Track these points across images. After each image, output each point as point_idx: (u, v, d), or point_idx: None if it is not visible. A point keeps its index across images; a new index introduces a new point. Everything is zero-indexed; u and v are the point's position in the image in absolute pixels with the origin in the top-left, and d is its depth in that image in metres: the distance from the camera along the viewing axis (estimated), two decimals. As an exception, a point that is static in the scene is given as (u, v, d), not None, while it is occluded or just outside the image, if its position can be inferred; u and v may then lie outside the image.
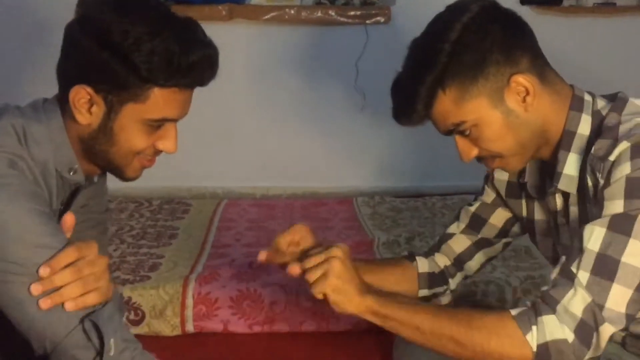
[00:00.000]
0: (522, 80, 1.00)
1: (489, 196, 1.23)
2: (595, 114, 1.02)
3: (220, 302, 1.63)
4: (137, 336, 1.56)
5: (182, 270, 1.77)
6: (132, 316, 1.61)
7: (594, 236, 0.93)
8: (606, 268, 0.92)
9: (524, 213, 1.18)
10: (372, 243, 1.99)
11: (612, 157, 0.94)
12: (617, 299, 0.92)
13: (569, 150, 1.03)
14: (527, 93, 1.00)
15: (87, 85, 0.98)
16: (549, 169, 1.08)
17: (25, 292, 0.91)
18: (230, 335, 1.60)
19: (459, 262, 1.25)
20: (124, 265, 1.80)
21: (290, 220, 2.24)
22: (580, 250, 0.93)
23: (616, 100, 1.03)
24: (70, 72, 1.01)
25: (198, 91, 1.06)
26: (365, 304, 1.00)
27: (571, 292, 0.92)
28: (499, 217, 1.22)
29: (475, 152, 1.05)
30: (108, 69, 0.97)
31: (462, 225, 1.25)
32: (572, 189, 1.04)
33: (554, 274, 0.96)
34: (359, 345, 1.28)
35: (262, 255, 1.12)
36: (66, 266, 0.92)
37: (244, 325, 1.61)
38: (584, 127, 1.02)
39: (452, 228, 1.26)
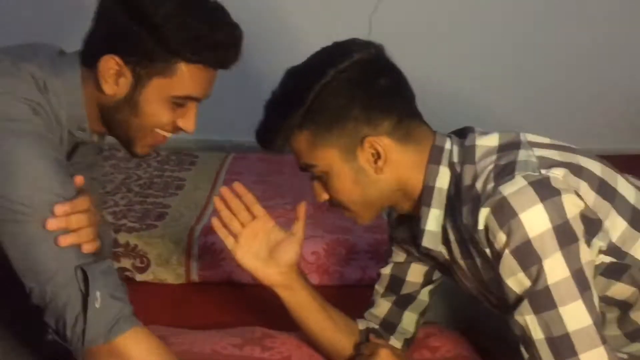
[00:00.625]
0: (375, 144, 0.99)
1: (400, 256, 1.19)
2: (452, 166, 1.01)
3: (225, 253, 1.64)
4: (142, 283, 1.64)
5: (188, 221, 1.78)
6: (137, 263, 1.64)
7: (530, 326, 0.91)
8: (564, 347, 0.89)
9: (431, 260, 1.15)
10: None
11: (480, 227, 0.93)
12: None
13: (429, 206, 1.02)
14: (379, 157, 1.00)
15: (117, 56, 1.01)
16: (415, 224, 1.06)
17: (35, 231, 0.93)
18: (234, 285, 1.62)
19: (388, 325, 1.20)
20: (131, 213, 1.81)
21: (297, 175, 2.23)
22: (531, 342, 0.91)
23: (466, 146, 1.00)
24: (101, 41, 1.03)
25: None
26: None
27: None
28: (416, 272, 1.18)
29: (326, 196, 1.05)
30: (138, 40, 1.00)
31: (381, 290, 1.20)
32: (436, 244, 1.03)
33: None
34: (365, 297, 1.31)
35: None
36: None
37: (247, 275, 1.62)
38: (443, 180, 1.01)
39: (374, 295, 1.22)
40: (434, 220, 1.02)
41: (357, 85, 0.99)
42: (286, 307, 1.14)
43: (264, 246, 1.13)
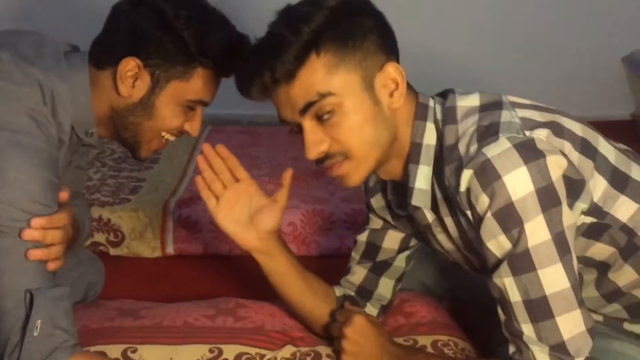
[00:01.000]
0: (395, 71, 0.95)
1: (377, 223, 1.17)
2: (436, 123, 0.98)
3: (200, 226, 1.63)
4: (116, 257, 1.61)
5: (163, 194, 1.75)
6: (111, 237, 1.61)
7: (509, 288, 0.90)
8: (540, 310, 0.89)
9: (411, 228, 1.14)
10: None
11: (462, 189, 0.91)
12: (569, 326, 0.90)
13: (417, 163, 0.98)
14: (396, 87, 0.95)
15: (137, 58, 1.04)
16: (404, 186, 1.02)
17: (3, 242, 0.94)
18: (211, 257, 1.61)
19: (364, 292, 1.18)
20: (104, 187, 1.78)
21: (275, 147, 2.21)
22: (509, 304, 0.91)
23: (446, 107, 0.97)
24: (119, 46, 1.06)
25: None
26: None
27: (531, 354, 0.90)
28: (392, 239, 1.16)
29: (325, 145, 0.94)
30: (160, 45, 1.04)
31: (357, 257, 1.19)
32: (426, 202, 1.00)
33: (507, 334, 0.94)
34: (342, 267, 1.30)
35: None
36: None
37: (224, 248, 1.61)
38: (430, 136, 0.97)
39: (351, 262, 1.20)
40: (422, 177, 0.98)
41: (373, 10, 0.96)
42: (264, 273, 1.12)
43: (245, 210, 1.10)
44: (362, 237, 1.19)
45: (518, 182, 0.87)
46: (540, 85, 2.37)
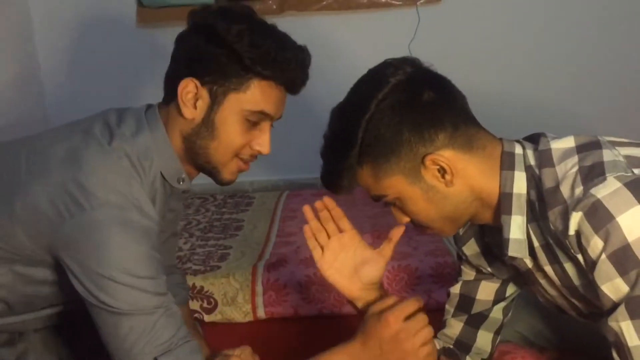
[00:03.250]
0: (437, 160, 0.97)
1: (469, 274, 1.17)
2: (529, 169, 0.97)
3: (289, 288, 1.66)
4: (211, 323, 1.66)
5: (250, 259, 1.81)
6: (205, 304, 1.66)
7: (626, 332, 0.87)
8: None
9: (508, 272, 1.12)
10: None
11: (571, 232, 0.89)
12: None
13: (510, 213, 0.98)
14: (445, 171, 0.97)
15: (194, 78, 1.06)
16: (499, 229, 1.01)
17: (118, 319, 0.99)
18: (301, 319, 1.63)
19: (463, 346, 1.18)
20: (194, 257, 1.86)
21: (353, 206, 2.24)
22: (626, 349, 0.88)
23: (540, 151, 0.97)
24: (180, 71, 1.08)
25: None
26: None
27: None
28: (486, 290, 1.16)
29: (406, 219, 1.04)
30: (214, 59, 1.06)
31: (451, 310, 1.19)
32: (523, 252, 0.99)
33: None
34: (433, 322, 1.29)
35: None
36: None
37: (313, 309, 1.63)
38: (520, 185, 0.97)
39: (445, 315, 1.20)
40: (516, 227, 0.98)
41: (401, 108, 0.97)
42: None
43: (348, 261, 1.13)
44: (455, 289, 1.19)
45: (634, 223, 0.85)
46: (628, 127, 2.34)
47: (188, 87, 1.06)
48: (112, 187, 1.01)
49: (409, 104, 0.97)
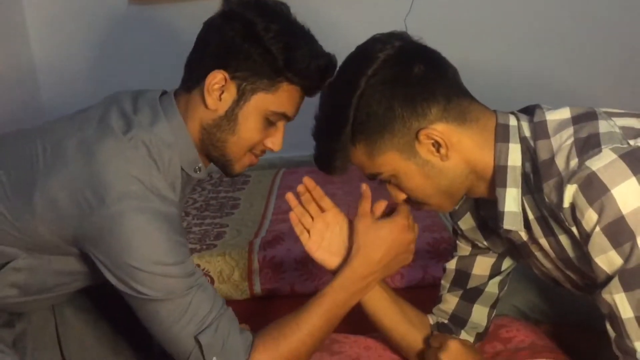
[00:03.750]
0: (431, 134, 0.96)
1: (465, 250, 1.17)
2: (523, 140, 0.96)
3: (285, 265, 1.66)
4: None
5: (247, 237, 1.81)
6: (202, 282, 1.67)
7: (619, 304, 0.87)
8: None
9: (504, 245, 1.12)
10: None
11: (565, 204, 0.88)
12: None
13: (504, 186, 0.97)
14: (440, 145, 0.96)
15: (224, 71, 1.04)
16: (494, 202, 1.01)
17: (154, 307, 1.01)
18: (298, 296, 1.63)
19: (458, 320, 1.18)
20: (190, 235, 1.86)
21: (349, 183, 2.24)
22: (619, 321, 0.88)
23: (535, 122, 0.96)
24: (208, 59, 1.06)
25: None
26: None
27: None
28: (482, 265, 1.16)
29: (403, 196, 1.03)
30: (249, 57, 1.04)
31: (447, 285, 1.19)
32: (518, 225, 0.99)
33: (617, 352, 0.90)
34: (428, 297, 1.29)
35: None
36: None
37: (310, 286, 1.64)
38: (514, 157, 0.96)
39: (441, 290, 1.20)
40: (511, 200, 0.97)
41: (392, 83, 0.95)
42: (360, 302, 1.13)
43: (335, 239, 1.14)
44: (451, 265, 1.19)
45: (628, 195, 0.84)
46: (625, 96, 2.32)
47: (216, 79, 1.04)
48: (130, 177, 1.00)
49: (400, 78, 0.96)
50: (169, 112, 1.08)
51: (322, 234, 1.14)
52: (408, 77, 0.96)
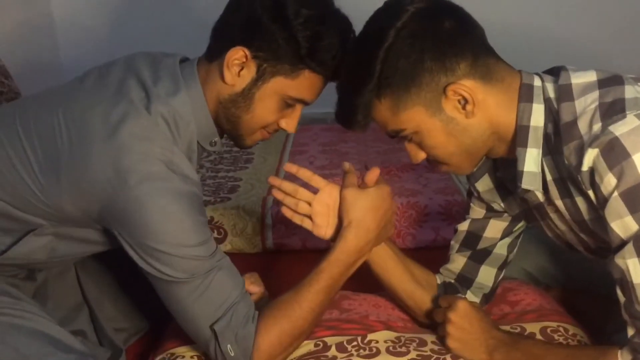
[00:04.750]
0: (459, 90, 0.94)
1: (478, 212, 1.17)
2: (547, 102, 0.95)
3: (298, 221, 1.68)
4: None
5: (260, 192, 1.82)
6: (215, 234, 1.69)
7: (632, 270, 0.88)
8: None
9: (520, 207, 1.11)
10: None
11: (584, 168, 0.88)
12: None
13: (525, 146, 0.96)
14: (467, 101, 0.95)
15: (247, 48, 1.03)
16: (514, 162, 1.00)
17: (178, 291, 1.02)
18: (310, 251, 1.65)
19: (464, 280, 1.19)
20: (204, 188, 1.87)
21: (363, 142, 2.24)
22: (630, 286, 0.89)
23: (559, 85, 0.95)
24: (234, 32, 1.04)
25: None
26: None
27: None
28: (494, 229, 1.16)
29: (422, 155, 1.02)
30: (273, 39, 1.02)
31: (456, 245, 1.19)
32: (536, 185, 0.98)
33: (626, 317, 0.92)
34: (439, 259, 1.31)
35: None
36: None
37: (321, 242, 1.64)
38: (537, 118, 0.95)
39: (450, 250, 1.20)
40: (531, 160, 0.97)
41: (421, 37, 0.94)
42: (367, 262, 1.15)
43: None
44: (463, 227, 1.19)
45: None
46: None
47: (237, 55, 1.03)
48: (152, 158, 0.99)
49: (430, 32, 0.95)
50: (189, 83, 1.07)
51: (325, 215, 1.11)
52: (438, 31, 0.95)
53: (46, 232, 1.08)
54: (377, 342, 1.09)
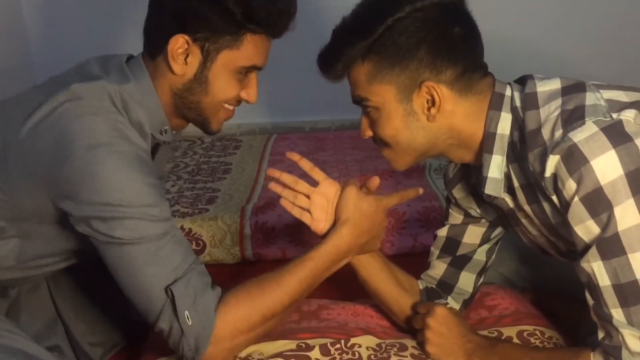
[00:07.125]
0: (432, 91, 0.97)
1: (457, 218, 1.19)
2: (514, 110, 0.98)
3: (277, 231, 1.68)
4: None
5: (238, 202, 1.82)
6: (193, 246, 1.68)
7: (597, 273, 0.89)
8: (630, 294, 0.88)
9: (494, 213, 1.14)
10: (423, 169, 1.99)
11: (547, 174, 0.90)
12: None
13: (491, 152, 0.99)
14: (434, 105, 0.97)
15: (185, 34, 1.04)
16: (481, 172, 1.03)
17: (134, 252, 0.99)
18: (289, 261, 1.65)
19: (445, 286, 1.20)
20: (182, 199, 1.86)
21: (341, 150, 2.25)
22: (597, 289, 0.90)
23: (525, 93, 0.98)
24: (167, 24, 1.05)
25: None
26: None
27: (621, 337, 0.90)
28: (473, 234, 1.18)
29: (370, 133, 1.04)
30: (206, 17, 1.03)
31: (436, 252, 1.21)
32: (498, 191, 1.01)
33: (596, 319, 0.93)
34: (418, 266, 1.32)
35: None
36: None
37: (301, 251, 1.64)
38: (504, 126, 0.98)
39: (430, 257, 1.22)
40: (495, 166, 1.00)
41: (431, 27, 0.96)
42: (354, 267, 1.16)
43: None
44: (442, 232, 1.21)
45: (607, 166, 0.87)
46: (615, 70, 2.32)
47: (178, 44, 1.04)
48: (95, 127, 1.00)
49: (440, 27, 0.96)
50: (137, 74, 1.08)
51: (323, 208, 1.13)
52: (446, 31, 0.97)
53: (9, 234, 1.08)
54: (360, 346, 1.10)
